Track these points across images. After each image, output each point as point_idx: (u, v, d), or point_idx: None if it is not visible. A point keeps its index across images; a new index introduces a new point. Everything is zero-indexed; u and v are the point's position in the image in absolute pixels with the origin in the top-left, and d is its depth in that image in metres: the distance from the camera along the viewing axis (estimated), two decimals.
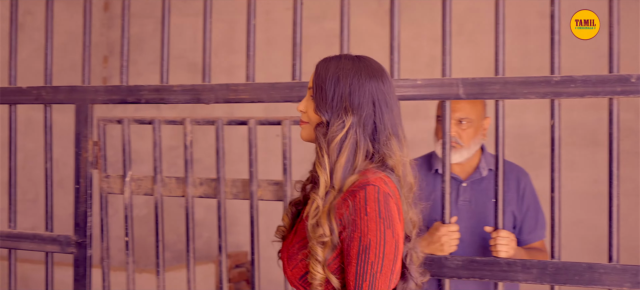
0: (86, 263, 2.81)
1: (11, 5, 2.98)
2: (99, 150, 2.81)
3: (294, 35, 2.58)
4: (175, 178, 2.73)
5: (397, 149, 1.83)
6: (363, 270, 1.70)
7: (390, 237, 1.72)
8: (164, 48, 2.76)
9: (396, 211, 1.75)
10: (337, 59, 1.88)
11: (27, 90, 2.91)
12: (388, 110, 1.83)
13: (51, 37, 2.94)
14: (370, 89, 1.82)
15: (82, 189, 2.81)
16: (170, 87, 2.70)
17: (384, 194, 1.73)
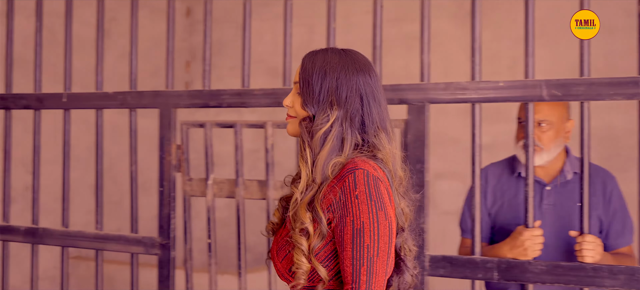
0: (170, 264, 2.86)
1: (98, 13, 3.06)
2: (182, 154, 2.86)
3: (373, 38, 2.57)
4: (256, 181, 2.76)
5: (386, 142, 1.80)
6: (359, 255, 1.66)
7: (383, 219, 1.68)
8: (245, 52, 2.79)
9: (387, 195, 1.72)
10: (324, 52, 1.84)
11: (112, 95, 2.98)
12: (376, 104, 1.80)
13: (136, 44, 3.01)
14: (357, 82, 1.79)
15: (166, 192, 2.86)
16: (251, 91, 2.73)
17: (373, 178, 1.70)
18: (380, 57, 2.56)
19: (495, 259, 2.37)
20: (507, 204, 2.79)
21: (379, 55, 2.56)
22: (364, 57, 1.85)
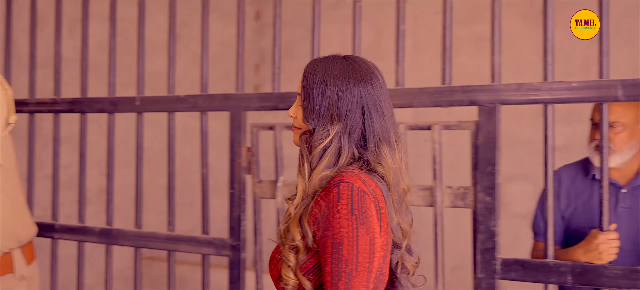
0: (240, 266, 2.88)
1: (170, 18, 3.11)
2: (252, 156, 2.88)
3: (443, 39, 2.55)
4: None
5: (388, 156, 1.74)
6: (338, 269, 1.62)
7: (364, 234, 1.63)
8: (314, 55, 2.80)
9: (374, 211, 1.66)
10: (325, 62, 1.80)
11: (184, 99, 3.02)
12: (378, 115, 1.75)
13: (207, 47, 3.04)
14: (358, 94, 1.74)
15: (236, 194, 2.89)
16: None
17: (358, 191, 1.65)
18: (450, 59, 2.54)
19: (569, 262, 2.33)
20: (581, 207, 2.74)
21: (448, 57, 2.54)
22: (368, 64, 1.81)
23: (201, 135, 3.02)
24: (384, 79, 1.81)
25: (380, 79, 1.79)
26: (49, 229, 3.29)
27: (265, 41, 6.53)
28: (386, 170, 1.73)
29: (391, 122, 1.78)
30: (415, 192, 2.58)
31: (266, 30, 6.53)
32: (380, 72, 1.82)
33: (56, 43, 3.43)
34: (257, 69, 6.57)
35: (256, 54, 6.56)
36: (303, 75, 1.81)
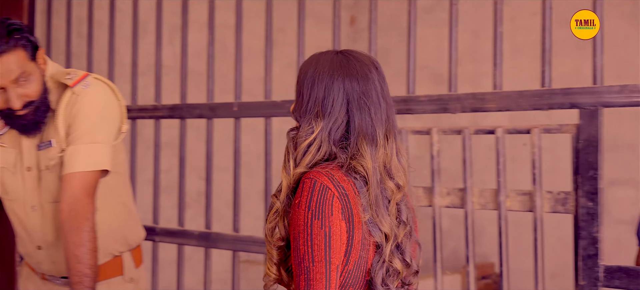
0: None
1: (266, 24, 3.15)
2: None
3: (542, 40, 2.50)
4: (422, 188, 2.74)
5: (367, 153, 1.70)
6: (297, 262, 1.63)
7: (318, 229, 1.62)
8: (410, 59, 2.78)
9: (337, 206, 1.64)
10: (317, 58, 1.78)
11: (280, 104, 3.05)
12: (361, 112, 1.71)
13: (303, 53, 3.07)
14: (345, 89, 1.72)
15: None
16: (417, 97, 2.72)
17: (320, 186, 1.64)
18: (549, 61, 2.49)
19: None
20: None
21: (548, 59, 2.49)
22: (361, 60, 1.77)
23: None
24: (381, 75, 1.78)
25: (373, 74, 1.76)
26: (150, 232, 3.38)
27: (360, 46, 6.54)
28: (365, 169, 1.69)
29: (380, 118, 1.74)
30: (514, 197, 2.53)
31: (361, 35, 6.54)
32: (378, 67, 1.79)
33: (157, 51, 3.51)
34: None
35: None
36: (298, 72, 1.81)
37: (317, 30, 5.92)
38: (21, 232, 2.43)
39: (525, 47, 5.54)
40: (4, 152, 2.33)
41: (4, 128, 2.34)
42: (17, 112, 2.19)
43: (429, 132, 2.71)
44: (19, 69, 2.15)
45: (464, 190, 2.62)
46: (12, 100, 2.16)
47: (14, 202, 2.38)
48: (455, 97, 2.62)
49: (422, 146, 5.68)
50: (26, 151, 2.32)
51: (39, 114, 2.24)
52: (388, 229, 1.72)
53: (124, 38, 4.44)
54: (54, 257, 2.40)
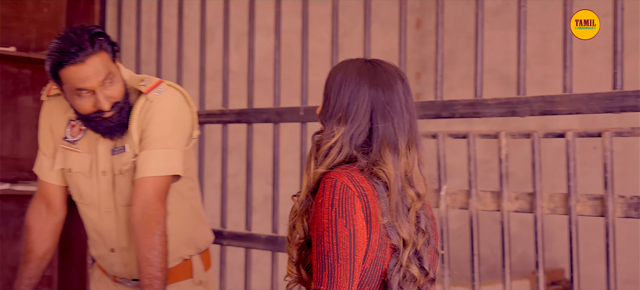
0: None
1: (332, 29, 3.16)
2: None
3: (614, 42, 2.45)
4: (490, 192, 2.71)
5: (390, 161, 1.76)
6: (321, 260, 1.68)
7: (343, 227, 1.68)
8: (478, 62, 2.76)
9: (358, 206, 1.70)
10: (345, 65, 1.84)
11: None
12: (385, 121, 1.77)
13: (368, 57, 3.06)
14: (370, 98, 1.78)
15: None
16: (485, 100, 2.69)
17: (342, 186, 1.71)
18: (621, 62, 2.43)
19: None
20: None
21: (619, 60, 2.44)
22: (389, 69, 1.83)
23: None
24: (406, 87, 1.83)
25: (399, 85, 1.81)
26: (218, 236, 3.42)
27: (426, 49, 6.50)
28: (387, 175, 1.75)
29: (403, 128, 1.79)
30: (585, 201, 2.49)
31: (427, 38, 6.50)
32: (404, 79, 1.84)
33: (224, 56, 3.56)
34: (418, 78, 6.55)
35: (417, 62, 6.54)
36: (327, 77, 1.87)
37: (383, 34, 5.91)
38: (94, 235, 2.48)
39: (596, 49, 5.44)
40: (79, 157, 2.39)
41: (79, 134, 2.40)
42: (105, 114, 2.24)
43: (497, 136, 2.68)
44: (105, 71, 2.21)
45: (533, 195, 2.58)
46: (101, 101, 2.21)
47: (89, 206, 2.43)
48: (524, 100, 2.59)
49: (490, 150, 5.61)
50: (101, 155, 2.37)
51: (124, 115, 2.29)
52: (407, 234, 1.77)
53: (192, 44, 4.50)
54: (127, 259, 2.44)
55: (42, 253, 2.46)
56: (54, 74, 2.24)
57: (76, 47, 2.17)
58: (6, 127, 3.84)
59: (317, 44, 5.01)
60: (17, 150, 3.88)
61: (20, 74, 3.87)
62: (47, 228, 2.48)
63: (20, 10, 3.86)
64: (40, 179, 2.51)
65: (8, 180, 3.80)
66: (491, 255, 5.78)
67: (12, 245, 3.85)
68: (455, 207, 2.78)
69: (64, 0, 3.98)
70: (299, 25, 3.33)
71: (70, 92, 2.24)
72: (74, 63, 2.17)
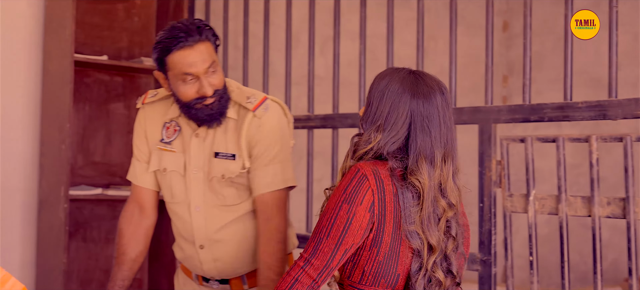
0: (491, 281, 2.84)
1: (417, 33, 3.14)
2: (503, 169, 2.83)
3: None
4: (580, 197, 2.65)
5: (425, 172, 1.84)
6: (316, 232, 1.84)
7: (344, 212, 1.81)
8: (567, 65, 2.70)
9: (368, 198, 1.81)
10: (390, 74, 1.91)
11: None
12: (422, 133, 1.85)
13: (455, 61, 3.04)
14: (410, 109, 1.86)
15: (486, 208, 2.85)
16: (575, 104, 2.63)
17: (361, 176, 1.82)
18: None
19: None
20: None
21: None
22: (430, 82, 1.89)
23: None
24: (445, 100, 1.89)
25: (438, 99, 1.88)
26: (303, 240, 3.44)
27: (513, 52, 6.40)
28: (422, 185, 1.83)
29: (440, 141, 1.87)
30: None
31: (514, 41, 6.40)
32: (444, 92, 1.90)
33: (309, 61, 3.58)
34: (505, 81, 6.46)
35: (504, 65, 6.45)
36: (371, 83, 1.95)
37: (468, 38, 5.85)
38: (183, 234, 2.53)
39: None
40: (174, 157, 2.47)
41: (174, 134, 2.48)
42: (206, 101, 2.34)
43: (587, 140, 2.62)
44: (210, 59, 2.33)
45: (626, 200, 2.51)
46: (205, 86, 2.32)
47: (179, 204, 2.50)
48: (616, 102, 2.52)
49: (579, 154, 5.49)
50: (194, 154, 2.45)
51: (223, 104, 2.39)
52: (435, 242, 1.84)
53: (277, 49, 4.55)
54: (217, 254, 2.49)
55: (134, 255, 2.53)
56: (161, 61, 2.36)
57: (185, 33, 2.29)
58: (98, 133, 3.95)
59: (402, 48, 4.99)
60: (109, 156, 3.99)
61: (112, 82, 3.98)
62: (139, 231, 2.56)
63: (112, 20, 3.97)
64: (133, 184, 2.59)
65: (100, 185, 3.91)
66: (581, 262, 5.65)
67: (105, 248, 3.96)
68: (544, 212, 2.73)
69: (153, 9, 4.08)
70: (384, 30, 3.32)
71: (176, 78, 2.35)
72: (183, 47, 2.29)
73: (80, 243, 3.89)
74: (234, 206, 2.45)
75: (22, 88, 3.73)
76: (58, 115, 3.55)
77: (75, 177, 3.84)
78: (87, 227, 3.91)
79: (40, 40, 3.76)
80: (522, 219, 5.30)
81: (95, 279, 3.94)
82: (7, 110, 3.69)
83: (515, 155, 4.89)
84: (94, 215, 3.94)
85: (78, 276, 3.88)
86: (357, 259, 1.86)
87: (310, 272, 1.83)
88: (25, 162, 3.74)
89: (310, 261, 1.83)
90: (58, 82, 3.58)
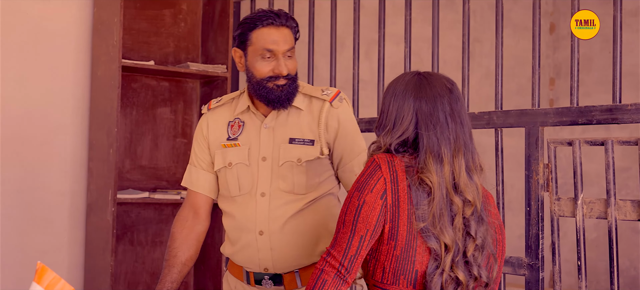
0: (538, 286, 2.81)
1: (463, 36, 3.12)
2: (550, 173, 2.80)
3: None
4: (629, 201, 2.61)
5: (432, 169, 1.87)
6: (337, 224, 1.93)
7: (356, 199, 1.89)
8: (616, 66, 2.66)
9: (379, 187, 1.87)
10: (397, 80, 1.98)
11: (479, 116, 3.01)
12: (428, 131, 1.89)
13: (501, 63, 3.02)
14: (415, 108, 1.91)
15: (533, 212, 2.82)
16: (624, 106, 2.59)
17: (376, 166, 1.90)
18: None
19: None
20: None
21: None
22: (434, 82, 1.95)
23: (496, 152, 2.99)
24: (454, 96, 1.94)
25: (444, 97, 1.92)
26: None
27: (560, 54, 6.33)
28: (431, 182, 1.87)
29: (446, 138, 1.90)
30: None
31: (561, 43, 6.33)
32: (452, 89, 1.95)
33: (354, 65, 3.58)
34: (551, 83, 6.39)
35: (551, 67, 6.38)
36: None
37: (514, 40, 5.80)
38: (243, 223, 2.53)
39: None
40: (239, 150, 2.53)
41: (239, 130, 2.54)
42: (279, 80, 2.45)
43: (637, 143, 2.58)
44: (291, 43, 2.47)
45: None
46: (282, 65, 2.44)
47: (245, 195, 2.53)
48: None
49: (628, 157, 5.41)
50: (263, 143, 2.51)
51: (292, 90, 2.49)
52: (449, 240, 1.86)
53: (322, 53, 4.56)
54: (275, 243, 2.50)
55: (185, 259, 2.56)
56: (244, 37, 2.47)
57: (274, 14, 2.45)
58: (145, 137, 4.00)
59: (447, 51, 4.97)
60: (156, 160, 4.03)
61: (159, 87, 4.03)
62: (191, 236, 2.60)
63: (159, 26, 4.02)
64: (189, 189, 2.64)
65: (147, 188, 3.96)
66: (631, 267, 5.56)
67: (151, 251, 4.01)
68: (592, 216, 2.69)
69: (199, 15, 4.12)
70: (429, 33, 3.31)
71: (255, 54, 2.46)
72: (270, 24, 2.43)
73: (127, 246, 3.94)
74: (300, 196, 2.49)
75: (71, 93, 3.79)
76: (106, 119, 3.60)
77: (123, 180, 3.89)
78: (134, 230, 3.96)
79: (88, 45, 3.82)
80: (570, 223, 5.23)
81: (141, 282, 3.98)
82: (56, 114, 3.75)
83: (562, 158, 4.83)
84: (141, 218, 3.98)
85: (125, 279, 3.93)
86: (378, 254, 1.90)
87: (333, 262, 1.89)
88: (74, 165, 3.80)
89: (330, 252, 1.90)
90: (106, 87, 3.63)
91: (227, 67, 3.87)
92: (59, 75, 3.76)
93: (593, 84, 5.85)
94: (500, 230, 2.01)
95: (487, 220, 1.94)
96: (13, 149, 3.63)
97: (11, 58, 3.62)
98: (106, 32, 3.64)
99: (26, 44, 3.67)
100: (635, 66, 5.55)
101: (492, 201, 2.04)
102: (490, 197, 2.04)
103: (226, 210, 2.60)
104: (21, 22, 3.65)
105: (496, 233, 1.98)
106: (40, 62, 3.70)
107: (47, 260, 3.63)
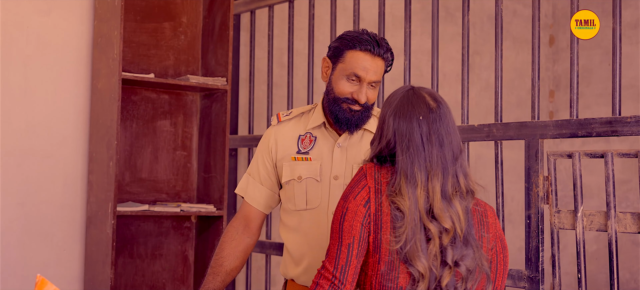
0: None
1: (462, 48, 3.13)
2: (550, 185, 2.80)
3: None
4: (630, 213, 2.61)
5: (406, 193, 1.84)
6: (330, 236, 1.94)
7: (340, 208, 1.91)
8: (616, 79, 2.67)
9: (363, 195, 1.89)
10: (393, 93, 1.98)
11: (478, 128, 3.02)
12: (403, 152, 1.87)
13: (500, 76, 3.02)
14: (396, 128, 1.90)
15: (533, 224, 2.82)
16: (623, 118, 2.60)
17: (361, 175, 1.92)
18: None
19: None
20: None
21: None
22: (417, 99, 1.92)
23: (496, 164, 2.99)
24: (435, 115, 1.89)
25: (421, 118, 1.89)
26: None
27: (559, 67, 6.34)
28: (402, 207, 1.84)
29: (420, 161, 1.86)
30: None
31: (561, 55, 6.34)
32: (434, 108, 1.90)
33: None
34: (551, 96, 6.39)
35: (550, 80, 6.38)
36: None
37: (514, 52, 5.81)
38: (312, 241, 2.50)
39: None
40: (310, 165, 2.51)
41: (310, 144, 2.54)
42: (355, 106, 2.43)
43: (637, 155, 2.58)
44: (379, 76, 2.43)
45: None
46: (363, 94, 2.41)
47: (313, 210, 2.51)
48: None
49: (628, 169, 5.41)
50: (337, 161, 2.50)
51: (363, 117, 2.47)
52: (422, 269, 1.82)
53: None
54: None
55: (230, 269, 2.55)
56: (338, 51, 2.45)
57: (375, 42, 2.40)
58: (145, 150, 4.00)
59: (447, 64, 4.98)
60: (156, 173, 4.03)
61: (159, 99, 4.03)
62: (239, 248, 2.58)
63: (159, 39, 4.02)
64: (244, 201, 2.63)
65: (147, 201, 3.95)
66: (631, 280, 5.55)
67: (151, 264, 4.00)
68: (592, 229, 2.69)
69: (199, 28, 4.12)
70: (428, 46, 3.32)
71: (342, 72, 2.44)
72: (366, 51, 2.39)
73: (127, 259, 3.93)
74: None
75: (71, 105, 3.79)
76: (106, 132, 3.60)
77: (123, 193, 3.88)
78: (134, 243, 3.95)
79: (89, 58, 3.82)
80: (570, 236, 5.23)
81: None
82: (56, 127, 3.75)
83: (562, 170, 4.83)
84: (141, 231, 3.97)
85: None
86: (366, 268, 1.90)
87: (326, 274, 1.89)
88: (74, 178, 3.80)
89: (324, 264, 1.91)
90: (106, 99, 3.63)
91: (227, 80, 3.88)
92: (60, 88, 3.76)
93: (593, 97, 5.86)
94: (500, 244, 1.97)
95: (484, 238, 1.91)
96: (14, 162, 3.63)
97: (12, 71, 3.63)
98: (106, 45, 3.64)
99: (27, 57, 3.67)
100: (634, 78, 5.56)
101: (492, 214, 1.99)
102: (490, 210, 2.00)
103: (289, 224, 2.56)
104: (22, 36, 3.65)
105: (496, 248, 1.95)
106: (40, 75, 3.70)
107: (47, 273, 3.63)
